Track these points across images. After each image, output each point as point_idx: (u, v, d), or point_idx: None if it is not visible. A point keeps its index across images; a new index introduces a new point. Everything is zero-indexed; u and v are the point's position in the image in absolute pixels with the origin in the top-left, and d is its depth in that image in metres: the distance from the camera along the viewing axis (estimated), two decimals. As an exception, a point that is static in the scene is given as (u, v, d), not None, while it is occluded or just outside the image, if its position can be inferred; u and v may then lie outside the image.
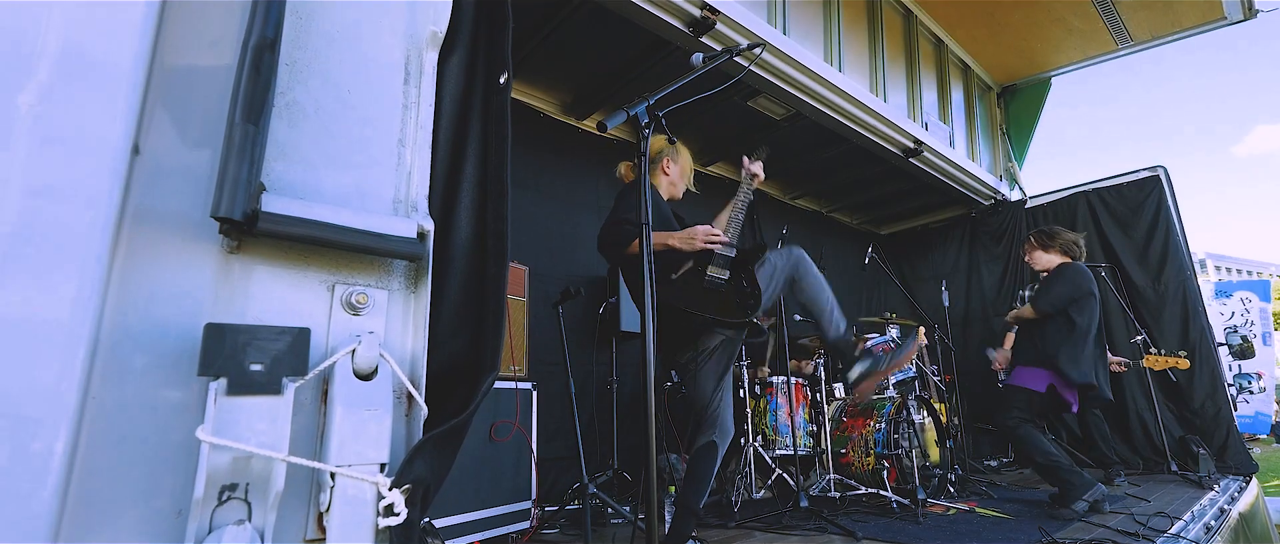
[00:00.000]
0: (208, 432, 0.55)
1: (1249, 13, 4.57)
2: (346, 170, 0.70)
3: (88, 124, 0.58)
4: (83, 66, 0.59)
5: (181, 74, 0.68)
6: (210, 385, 0.56)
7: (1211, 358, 4.70)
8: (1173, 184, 5.01)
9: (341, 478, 0.60)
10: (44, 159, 0.56)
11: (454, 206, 0.79)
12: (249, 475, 0.59)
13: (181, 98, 0.68)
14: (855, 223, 6.69)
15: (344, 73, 0.72)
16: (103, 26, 0.61)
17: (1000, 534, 2.75)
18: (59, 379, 0.53)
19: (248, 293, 0.63)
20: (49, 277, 0.54)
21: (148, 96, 0.64)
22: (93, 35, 0.60)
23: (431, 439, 0.65)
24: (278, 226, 0.60)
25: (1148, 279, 4.93)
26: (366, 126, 0.73)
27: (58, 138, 0.56)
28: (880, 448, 3.55)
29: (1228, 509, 3.45)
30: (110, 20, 0.61)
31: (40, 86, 0.58)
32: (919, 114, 5.04)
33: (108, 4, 0.61)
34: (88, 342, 0.55)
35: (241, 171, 0.55)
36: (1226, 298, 7.88)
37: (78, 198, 0.57)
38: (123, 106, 0.60)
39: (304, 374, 0.62)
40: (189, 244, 0.61)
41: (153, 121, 0.65)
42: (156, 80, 0.65)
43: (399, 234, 0.68)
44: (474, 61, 0.83)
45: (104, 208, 0.58)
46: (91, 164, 0.58)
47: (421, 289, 0.72)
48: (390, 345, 0.69)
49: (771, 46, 3.59)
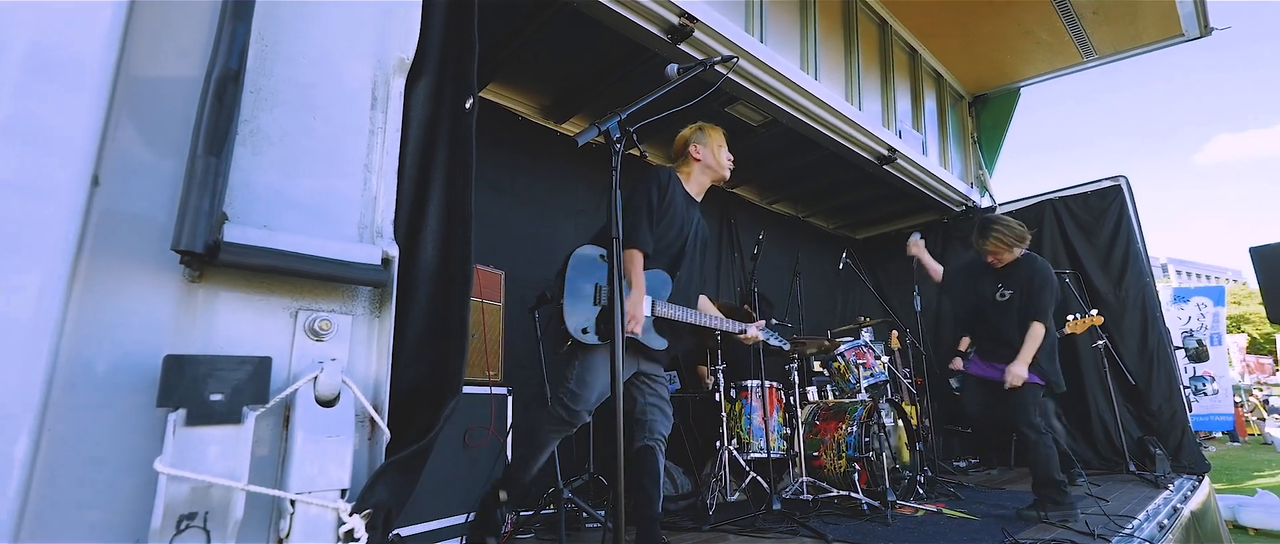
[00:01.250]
0: (166, 463, 0.55)
1: (1205, 30, 4.76)
2: (311, 197, 0.71)
3: (54, 123, 0.59)
4: (51, 65, 0.59)
5: (148, 85, 0.69)
6: (169, 416, 0.57)
7: (1169, 362, 4.87)
8: (1134, 193, 5.19)
9: (302, 504, 0.61)
10: (8, 155, 0.56)
11: (419, 231, 0.80)
12: (208, 504, 0.60)
13: (147, 112, 0.68)
14: (831, 228, 6.79)
15: (310, 99, 0.73)
16: (72, 27, 0.61)
17: (965, 535, 2.83)
18: (22, 379, 0.53)
19: (210, 321, 0.64)
20: (12, 273, 0.54)
21: (113, 105, 0.64)
22: (61, 35, 0.60)
23: (393, 464, 0.66)
24: (240, 257, 0.61)
25: (1109, 285, 5.09)
26: (332, 153, 0.73)
27: (23, 134, 0.56)
28: (852, 450, 3.62)
29: (1180, 508, 3.58)
30: (79, 21, 0.61)
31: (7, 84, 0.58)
32: (893, 122, 5.13)
33: (77, 5, 0.61)
34: (51, 342, 0.55)
35: (203, 203, 0.56)
36: (1184, 303, 8.21)
37: (43, 195, 0.57)
38: (90, 107, 0.60)
39: (265, 402, 0.63)
40: (149, 273, 0.61)
41: (118, 133, 0.65)
42: (123, 90, 0.66)
43: (363, 261, 0.69)
44: (441, 87, 0.84)
45: (68, 207, 0.58)
46: (57, 163, 0.58)
47: (385, 314, 0.73)
48: (353, 370, 0.70)
49: (749, 55, 3.63)
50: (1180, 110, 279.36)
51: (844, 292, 6.57)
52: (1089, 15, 4.87)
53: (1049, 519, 3.03)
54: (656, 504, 2.17)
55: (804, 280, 5.48)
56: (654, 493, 2.17)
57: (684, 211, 2.44)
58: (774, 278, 5.59)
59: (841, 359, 4.39)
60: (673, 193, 2.40)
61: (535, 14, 3.41)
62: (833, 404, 4.00)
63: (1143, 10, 4.76)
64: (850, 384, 4.34)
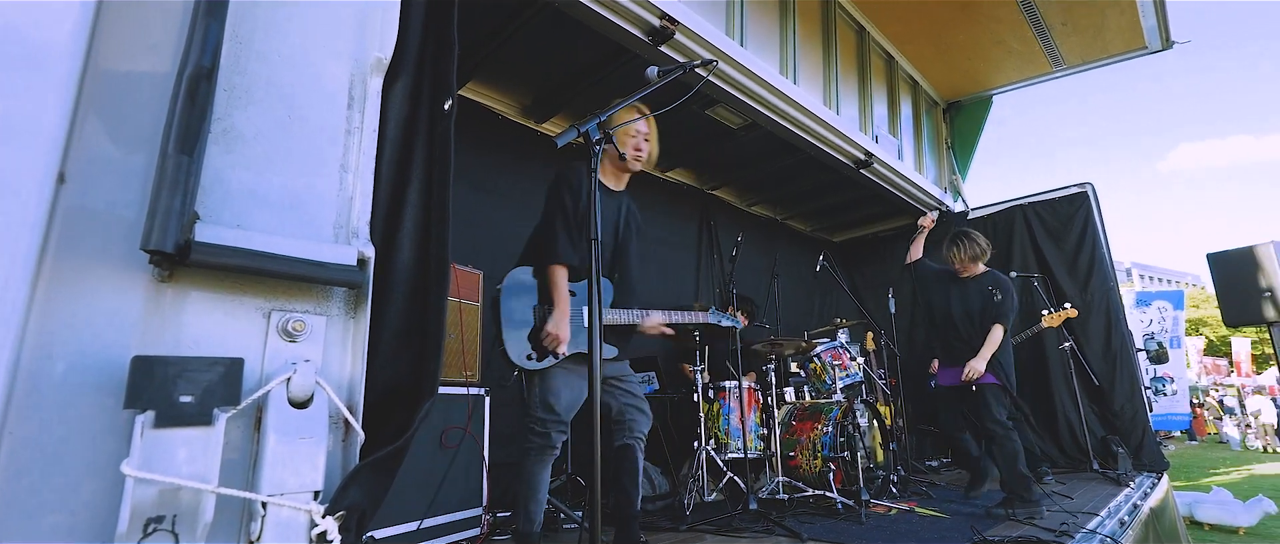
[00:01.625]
0: (133, 465, 0.54)
1: (1166, 43, 4.93)
2: (285, 197, 0.70)
3: (18, 116, 0.57)
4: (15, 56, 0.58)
5: (118, 79, 0.67)
6: (137, 418, 0.56)
7: (1131, 363, 5.04)
8: (1099, 200, 5.35)
9: (273, 507, 0.60)
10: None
11: (397, 231, 0.80)
12: (177, 507, 0.59)
13: (117, 107, 0.66)
14: (809, 230, 6.88)
15: (285, 98, 0.72)
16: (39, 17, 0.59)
17: (936, 533, 2.89)
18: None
19: (180, 322, 0.63)
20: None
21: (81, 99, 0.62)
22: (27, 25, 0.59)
23: (368, 465, 0.65)
24: (212, 257, 0.60)
25: (1076, 289, 5.24)
26: (307, 152, 0.73)
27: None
28: (827, 451, 3.67)
29: (1140, 505, 3.70)
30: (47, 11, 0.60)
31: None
32: (870, 127, 5.22)
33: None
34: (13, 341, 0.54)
35: (174, 202, 0.55)
36: (1146, 307, 8.53)
37: (6, 192, 0.55)
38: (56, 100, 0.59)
39: (236, 404, 0.62)
40: (117, 273, 0.60)
41: (86, 128, 0.64)
42: (91, 84, 0.64)
43: (338, 261, 0.68)
44: (419, 87, 0.84)
45: (33, 204, 0.57)
46: (22, 158, 0.57)
47: (361, 314, 0.73)
48: (328, 371, 0.70)
49: (729, 58, 3.66)
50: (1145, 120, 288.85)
51: (821, 293, 6.66)
52: (1058, 26, 5.01)
53: (1016, 517, 3.13)
54: (636, 503, 2.16)
55: (782, 282, 5.54)
56: (633, 492, 2.16)
57: (604, 203, 2.26)
58: (753, 279, 5.64)
59: (818, 360, 4.46)
60: (585, 188, 2.21)
61: (516, 13, 3.40)
62: (809, 405, 4.05)
63: (1108, 23, 4.91)
64: (826, 385, 4.40)
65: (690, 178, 5.53)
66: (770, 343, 3.98)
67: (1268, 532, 5.84)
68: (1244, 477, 9.11)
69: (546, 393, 2.07)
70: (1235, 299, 4.24)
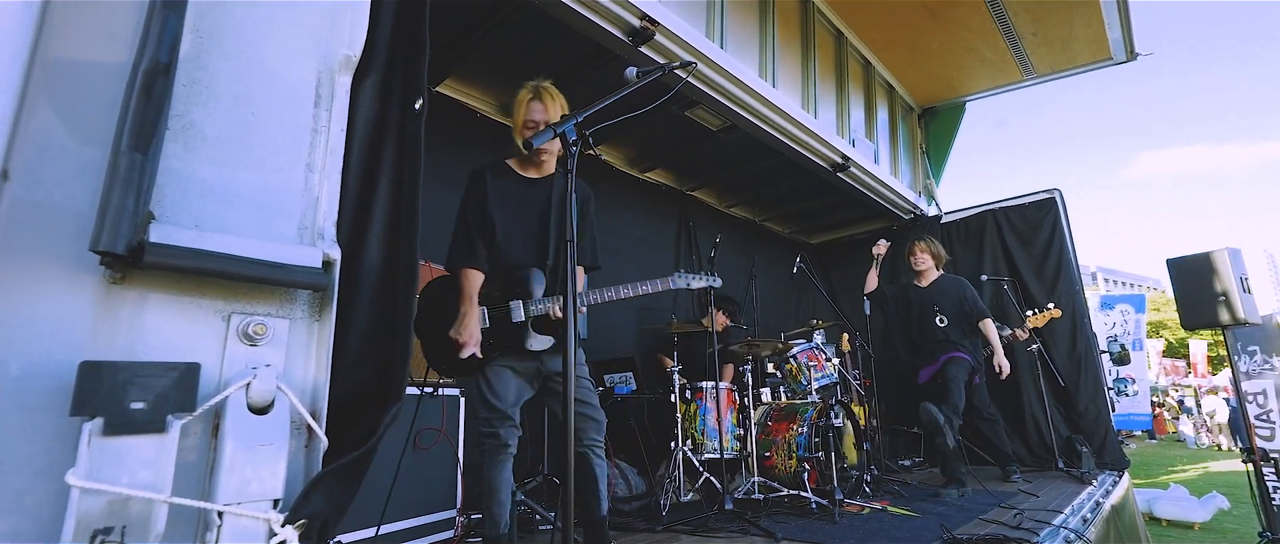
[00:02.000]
0: (79, 475, 0.52)
1: (1131, 55, 5.10)
2: (247, 196, 0.68)
3: None
4: None
5: (70, 68, 0.64)
6: (84, 426, 0.54)
7: (1095, 365, 5.18)
8: (1067, 205, 5.50)
9: (230, 516, 0.58)
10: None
11: (365, 232, 0.78)
12: (127, 517, 0.56)
13: (68, 97, 0.64)
14: (787, 232, 6.94)
15: (248, 95, 0.70)
16: None
17: (907, 531, 2.94)
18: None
19: (133, 325, 0.60)
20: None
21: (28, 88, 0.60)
22: None
23: (331, 472, 0.64)
24: (167, 259, 0.58)
25: (1043, 292, 5.38)
26: (271, 151, 0.71)
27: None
28: (802, 451, 3.71)
29: (1102, 502, 3.82)
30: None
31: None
32: (847, 131, 5.29)
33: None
34: None
35: (126, 202, 0.53)
36: (1109, 310, 8.82)
37: None
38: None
39: (192, 410, 0.60)
40: (66, 273, 0.58)
41: (33, 119, 0.61)
42: (40, 73, 0.61)
43: (302, 264, 0.66)
44: (389, 86, 0.82)
45: None
46: None
47: (326, 317, 0.71)
48: (290, 376, 0.68)
49: (709, 60, 3.68)
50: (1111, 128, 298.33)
51: (798, 295, 6.73)
52: (1029, 36, 5.13)
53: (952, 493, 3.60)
54: (600, 507, 2.14)
55: (760, 283, 5.58)
56: (592, 500, 2.13)
57: (523, 195, 2.22)
58: (731, 280, 5.66)
59: (794, 361, 4.50)
60: (491, 189, 2.19)
61: (494, 10, 3.36)
62: (785, 405, 4.08)
63: (1077, 34, 5.05)
64: (802, 385, 4.45)
65: (669, 179, 5.54)
66: (747, 344, 4.01)
67: (1220, 526, 6.07)
68: (1200, 474, 9.46)
69: (487, 389, 2.06)
70: (1193, 303, 4.39)
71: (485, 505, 2.12)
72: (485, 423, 2.07)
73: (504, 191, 2.20)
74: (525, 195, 2.22)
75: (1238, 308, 4.18)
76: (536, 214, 2.21)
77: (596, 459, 2.17)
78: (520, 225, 2.19)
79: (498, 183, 2.22)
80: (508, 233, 2.16)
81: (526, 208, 2.20)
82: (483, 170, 2.24)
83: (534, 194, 2.24)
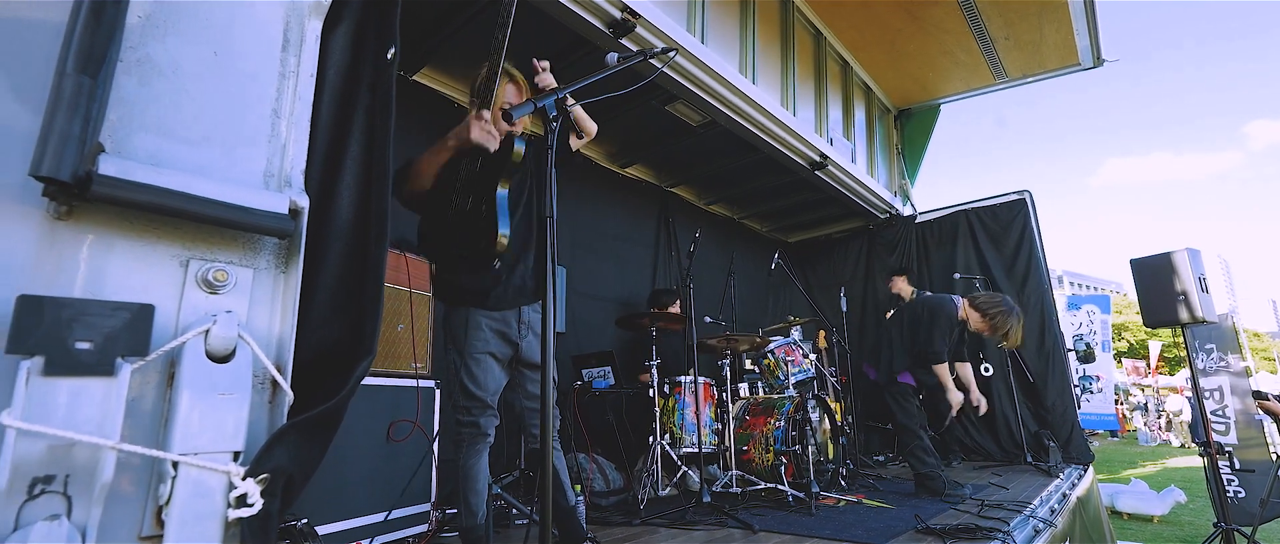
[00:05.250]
0: (15, 416, 0.48)
1: (1098, 61, 5.25)
2: (209, 137, 0.64)
3: None
4: None
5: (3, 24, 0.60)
6: (21, 364, 0.50)
7: (1062, 362, 5.32)
8: (1036, 207, 5.63)
9: (185, 467, 0.55)
10: None
11: (335, 185, 0.75)
12: (70, 466, 0.52)
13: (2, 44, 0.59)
14: (765, 230, 6.99)
15: (209, 32, 0.66)
16: None
17: (882, 522, 2.97)
18: None
19: (78, 266, 0.56)
20: None
21: None
22: None
23: (295, 426, 0.60)
24: (117, 192, 0.54)
25: (1013, 290, 5.50)
26: (236, 93, 0.67)
27: None
28: (779, 444, 3.72)
29: (1068, 494, 3.91)
30: None
31: None
32: (825, 129, 5.34)
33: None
34: None
35: (72, 127, 0.49)
36: (1076, 310, 9.10)
37: None
38: None
39: (144, 354, 0.56)
40: (2, 204, 0.53)
41: None
42: None
43: (267, 208, 0.63)
44: (362, 34, 0.79)
45: None
46: None
47: (292, 269, 0.68)
48: (254, 327, 0.64)
49: (689, 53, 3.68)
50: (1078, 137, 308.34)
51: (775, 292, 6.78)
52: (1001, 40, 5.26)
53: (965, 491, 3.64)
54: (568, 499, 2.10)
55: (738, 280, 5.61)
56: (560, 497, 2.08)
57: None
58: (709, 277, 5.69)
59: (771, 356, 4.52)
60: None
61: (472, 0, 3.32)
62: (762, 400, 4.10)
63: (1046, 38, 5.19)
64: (779, 380, 4.47)
65: (649, 175, 5.53)
66: (725, 339, 4.01)
67: (1178, 519, 6.28)
68: (1159, 470, 9.78)
69: (468, 379, 1.99)
70: (1154, 302, 4.53)
71: (462, 495, 2.07)
72: (464, 412, 2.02)
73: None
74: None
75: (1196, 306, 4.33)
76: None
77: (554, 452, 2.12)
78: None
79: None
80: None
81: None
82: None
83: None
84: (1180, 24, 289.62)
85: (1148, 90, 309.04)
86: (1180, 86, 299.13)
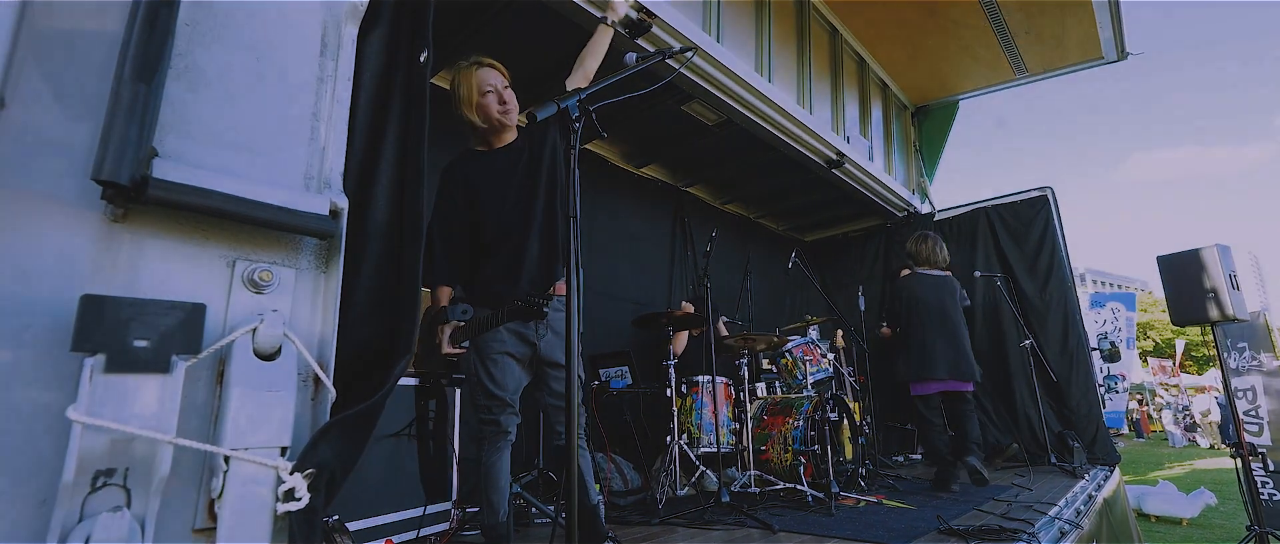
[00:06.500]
0: (81, 411, 0.50)
1: (1122, 54, 5.15)
2: (253, 141, 0.66)
3: None
4: None
5: (60, 36, 0.62)
6: (85, 361, 0.52)
7: (1087, 361, 5.23)
8: (1058, 203, 5.54)
9: (237, 461, 0.56)
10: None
11: (371, 187, 0.76)
12: (130, 459, 0.54)
13: (57, 55, 0.62)
14: (781, 229, 6.96)
15: (253, 39, 0.68)
16: None
17: (903, 523, 2.94)
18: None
19: (135, 266, 0.58)
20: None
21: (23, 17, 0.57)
22: None
23: (339, 423, 0.62)
24: (170, 195, 0.56)
25: (1036, 289, 5.42)
26: (277, 97, 0.69)
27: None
28: (798, 444, 3.71)
29: (1094, 496, 3.84)
30: None
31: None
32: (842, 127, 5.31)
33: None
34: None
35: (129, 132, 0.51)
36: (1100, 308, 8.92)
37: None
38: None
39: (197, 352, 0.58)
40: (65, 208, 0.55)
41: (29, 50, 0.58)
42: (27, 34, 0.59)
43: (309, 210, 0.65)
44: (396, 38, 0.81)
45: None
46: None
47: (333, 269, 0.69)
48: (297, 326, 0.66)
49: (705, 53, 3.68)
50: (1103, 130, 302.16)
51: (792, 291, 6.74)
52: (1022, 35, 5.18)
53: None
54: (589, 496, 2.11)
55: (754, 280, 5.58)
56: (580, 491, 2.10)
57: (494, 165, 2.13)
58: (726, 277, 5.67)
59: (789, 356, 4.50)
60: (470, 170, 2.13)
61: (493, 2, 3.35)
62: (780, 400, 4.08)
63: (1068, 33, 5.10)
64: (797, 380, 4.45)
65: (665, 175, 5.53)
66: (743, 338, 4.00)
67: (1208, 522, 6.13)
68: (1187, 471, 9.56)
69: (486, 380, 2.02)
70: (1182, 300, 4.43)
71: (484, 493, 2.09)
72: (485, 410, 2.05)
73: (480, 169, 2.14)
74: (496, 165, 2.14)
75: (1227, 304, 4.23)
76: (515, 179, 2.12)
77: (580, 449, 2.14)
78: (504, 193, 2.11)
79: (469, 165, 2.16)
80: (494, 203, 2.09)
81: (505, 175, 2.11)
82: (452, 163, 2.19)
83: (506, 161, 2.15)
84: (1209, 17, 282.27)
85: (1174, 81, 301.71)
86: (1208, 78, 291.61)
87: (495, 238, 2.10)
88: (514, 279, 2.05)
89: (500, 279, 2.06)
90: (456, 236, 2.11)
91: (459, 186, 2.13)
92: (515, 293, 2.00)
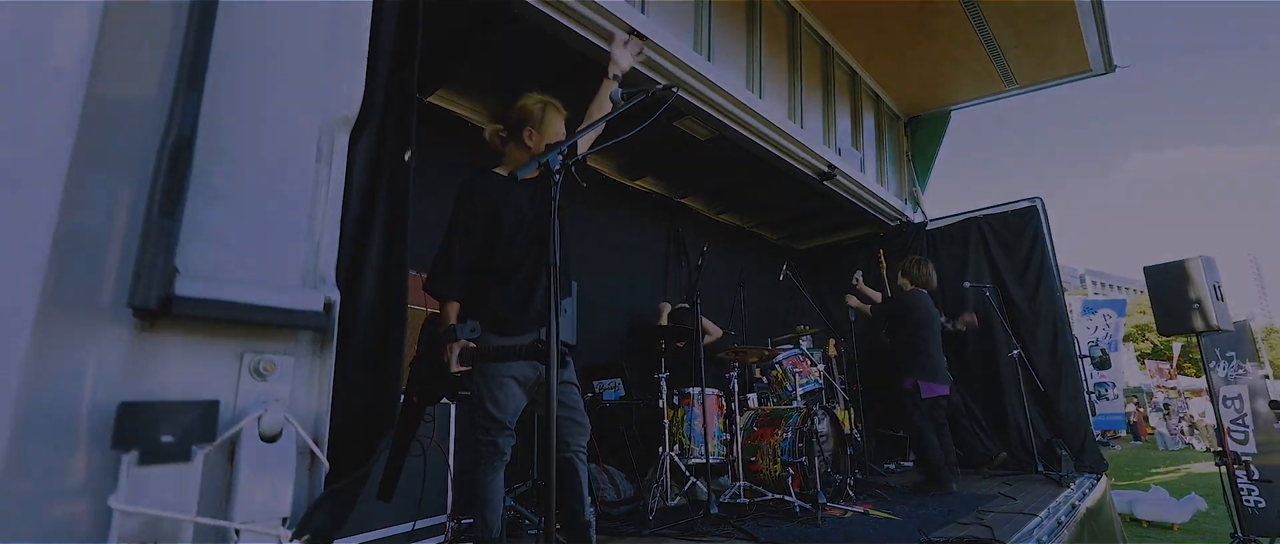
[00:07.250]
0: (121, 500, 0.61)
1: (1109, 67, 5.24)
2: (258, 247, 0.76)
3: (36, 125, 0.62)
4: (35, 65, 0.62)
5: (111, 106, 0.71)
6: (122, 457, 0.62)
7: (1075, 369, 5.31)
8: (1048, 214, 5.63)
9: (246, 533, 0.67)
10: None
11: (360, 273, 0.87)
12: (159, 535, 0.65)
13: (108, 138, 0.71)
14: (775, 239, 7.05)
15: (256, 155, 0.78)
16: (54, 30, 0.64)
17: (887, 534, 3.04)
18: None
19: (160, 366, 0.69)
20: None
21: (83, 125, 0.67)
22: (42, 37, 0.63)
23: (331, 493, 0.72)
24: (191, 310, 0.66)
25: (1025, 298, 5.51)
26: (280, 206, 0.79)
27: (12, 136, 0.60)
28: (786, 455, 3.81)
29: (1077, 505, 3.94)
30: (61, 24, 0.64)
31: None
32: (833, 140, 5.40)
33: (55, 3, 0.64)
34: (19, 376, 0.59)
35: (157, 262, 0.61)
36: (1092, 314, 9.00)
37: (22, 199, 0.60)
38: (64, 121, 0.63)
39: (212, 440, 0.68)
40: (103, 324, 0.66)
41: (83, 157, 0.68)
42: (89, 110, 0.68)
43: (306, 308, 0.75)
44: (383, 140, 0.91)
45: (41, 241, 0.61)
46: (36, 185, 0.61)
47: (326, 354, 0.80)
48: (295, 406, 0.76)
49: (696, 73, 3.77)
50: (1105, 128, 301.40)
51: (785, 301, 6.83)
52: (1010, 48, 5.26)
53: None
54: (583, 513, 2.21)
55: (748, 290, 5.68)
56: (576, 505, 2.20)
57: (517, 192, 2.22)
58: (720, 287, 5.77)
59: (779, 367, 4.60)
60: (493, 186, 2.21)
61: (486, 24, 3.45)
62: (770, 411, 4.18)
63: (1057, 45, 5.18)
64: (787, 392, 4.55)
65: (658, 186, 5.63)
66: (734, 350, 4.10)
67: (1199, 527, 6.21)
68: (1181, 475, 9.63)
69: (489, 402, 2.11)
70: (1168, 310, 4.52)
71: (478, 512, 2.19)
72: (484, 431, 2.14)
73: (505, 192, 2.23)
74: (520, 193, 2.24)
75: (1210, 314, 4.32)
76: (535, 214, 2.24)
77: (580, 464, 2.24)
78: (522, 222, 2.21)
79: (494, 185, 2.25)
80: (513, 229, 2.19)
81: (528, 205, 2.23)
82: (475, 173, 2.28)
83: (528, 194, 2.27)
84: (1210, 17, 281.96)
85: (1174, 83, 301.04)
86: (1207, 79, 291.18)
87: (509, 264, 2.19)
88: (523, 309, 2.16)
89: (510, 307, 2.16)
90: (473, 251, 2.18)
91: (483, 203, 2.19)
92: (522, 323, 2.13)
